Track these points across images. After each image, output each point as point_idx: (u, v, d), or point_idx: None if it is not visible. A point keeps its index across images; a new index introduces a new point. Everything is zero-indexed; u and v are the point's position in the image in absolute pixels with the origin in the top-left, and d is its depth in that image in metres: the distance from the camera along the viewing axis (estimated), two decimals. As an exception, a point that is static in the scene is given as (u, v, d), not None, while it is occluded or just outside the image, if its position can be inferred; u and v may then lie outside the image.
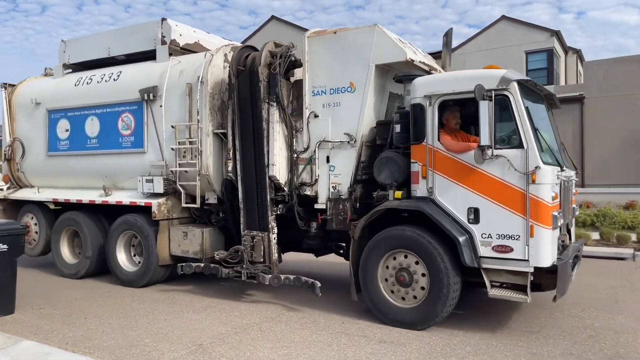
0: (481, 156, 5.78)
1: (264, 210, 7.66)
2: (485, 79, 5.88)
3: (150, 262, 8.66)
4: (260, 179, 7.71)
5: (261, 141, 7.63)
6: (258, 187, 7.75)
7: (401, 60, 6.87)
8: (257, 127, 7.70)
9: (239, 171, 7.86)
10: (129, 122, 9.18)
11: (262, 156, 7.63)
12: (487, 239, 5.92)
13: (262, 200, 7.69)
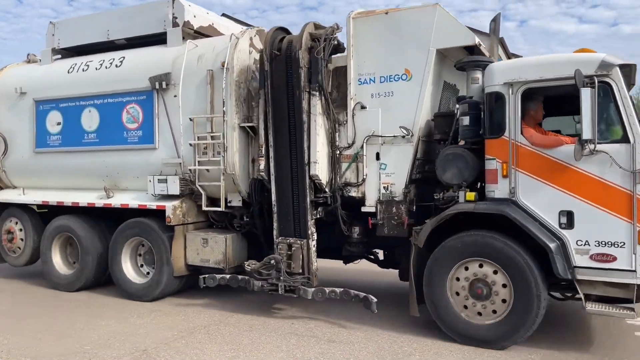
0: (580, 152, 5.01)
1: (303, 214, 6.70)
2: (581, 63, 5.09)
3: (162, 272, 7.55)
4: (298, 178, 6.74)
5: (300, 136, 6.66)
6: (295, 188, 6.78)
7: (468, 45, 6.05)
8: (295, 119, 6.73)
9: (272, 170, 6.87)
10: (135, 114, 8.03)
11: (301, 153, 6.66)
12: (584, 247, 5.16)
13: (300, 202, 6.73)
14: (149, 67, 7.89)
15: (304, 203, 6.67)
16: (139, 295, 7.77)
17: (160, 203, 7.59)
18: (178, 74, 7.55)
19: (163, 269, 7.54)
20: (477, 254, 5.53)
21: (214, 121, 7.24)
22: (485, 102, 5.67)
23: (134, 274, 8.01)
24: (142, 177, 7.89)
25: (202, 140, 7.34)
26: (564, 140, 5.30)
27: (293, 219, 6.83)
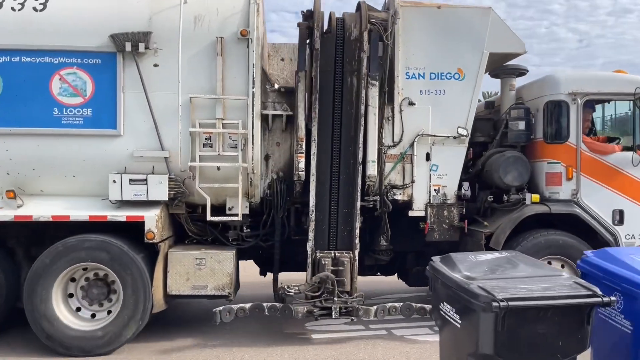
0: (639, 159, 5.80)
1: (350, 221, 5.73)
2: (629, 82, 5.89)
3: (135, 310, 5.30)
4: (344, 179, 5.74)
5: (356, 130, 5.69)
6: (335, 191, 5.75)
7: (518, 52, 6.24)
8: (342, 111, 5.73)
9: (313, 169, 5.65)
10: (79, 85, 5.43)
11: (354, 150, 5.69)
12: (631, 240, 5.93)
13: (350, 208, 5.74)
14: (103, 19, 5.49)
15: (353, 208, 5.71)
16: (87, 347, 5.25)
17: (134, 213, 5.35)
18: (164, 36, 5.50)
19: (137, 305, 5.30)
20: (555, 254, 5.75)
21: (226, 105, 5.53)
22: (548, 109, 5.97)
23: (73, 317, 5.40)
24: (83, 176, 5.47)
25: (207, 128, 5.50)
26: (617, 148, 6.02)
27: (329, 228, 5.77)
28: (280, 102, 5.92)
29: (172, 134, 5.46)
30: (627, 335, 3.27)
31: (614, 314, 3.41)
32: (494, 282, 2.95)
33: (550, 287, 2.89)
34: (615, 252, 3.74)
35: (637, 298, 3.17)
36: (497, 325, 2.74)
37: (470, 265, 3.29)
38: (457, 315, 3.08)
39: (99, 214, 5.32)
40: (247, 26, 5.52)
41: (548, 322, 2.80)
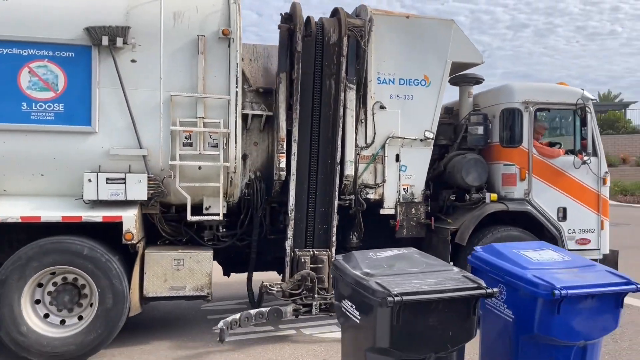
0: (581, 162, 6.48)
1: (329, 220, 5.89)
2: (572, 94, 6.60)
3: (112, 314, 5.11)
4: (322, 179, 5.89)
5: (334, 131, 5.84)
6: (318, 191, 5.90)
7: (476, 63, 6.72)
8: (320, 112, 5.88)
9: (293, 169, 5.74)
10: (50, 79, 5.12)
11: (333, 150, 5.86)
12: (572, 234, 6.60)
13: (327, 207, 5.89)
14: (76, 11, 5.24)
15: (330, 207, 5.89)
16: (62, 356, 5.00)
17: (111, 213, 5.15)
18: (142, 31, 5.34)
19: (115, 309, 5.09)
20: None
21: (207, 104, 5.48)
22: (504, 116, 6.50)
23: (44, 324, 5.08)
24: (53, 175, 5.20)
25: (188, 126, 5.42)
26: (561, 152, 6.66)
27: (307, 227, 5.91)
28: (257, 102, 5.96)
29: (151, 132, 5.31)
30: (510, 324, 3.54)
31: (499, 304, 3.65)
32: (390, 278, 3.04)
33: (441, 281, 3.03)
34: (500, 247, 3.95)
35: (518, 289, 3.44)
36: (392, 319, 2.82)
37: (371, 262, 3.37)
38: (357, 312, 3.13)
39: (73, 215, 5.06)
40: (229, 25, 5.49)
41: (439, 314, 2.95)
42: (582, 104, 6.49)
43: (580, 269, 3.64)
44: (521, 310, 3.47)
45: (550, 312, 3.30)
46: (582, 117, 6.54)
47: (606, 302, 3.43)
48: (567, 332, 3.37)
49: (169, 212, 5.78)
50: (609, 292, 3.41)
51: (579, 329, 3.40)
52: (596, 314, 3.43)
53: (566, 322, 3.33)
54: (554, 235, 6.39)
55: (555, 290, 3.21)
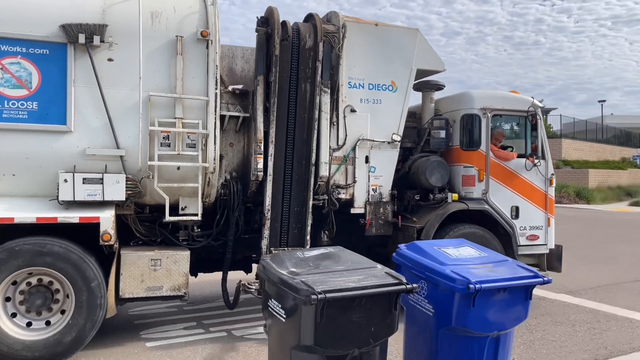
0: (532, 165, 7.00)
1: (303, 219, 6.06)
2: (524, 102, 7.11)
3: (90, 317, 5.03)
4: (300, 179, 6.05)
5: (309, 133, 6.00)
6: (293, 191, 6.05)
7: (439, 70, 7.08)
8: (296, 115, 6.03)
9: (270, 169, 5.86)
10: (23, 76, 4.97)
11: (308, 151, 6.02)
12: (523, 230, 7.12)
13: (302, 207, 6.05)
14: (50, 7, 5.11)
15: (305, 207, 6.06)
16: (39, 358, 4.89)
17: (86, 214, 5.07)
18: (119, 30, 5.29)
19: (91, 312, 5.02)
20: (472, 243, 6.70)
21: (185, 104, 5.50)
22: (464, 121, 6.91)
23: (17, 328, 4.94)
24: (25, 175, 5.06)
25: (166, 127, 5.41)
26: (514, 155, 7.16)
27: (281, 226, 6.06)
28: (233, 104, 6.03)
29: (129, 132, 5.27)
30: (430, 318, 3.68)
31: (420, 299, 3.76)
32: (316, 277, 3.07)
33: (364, 278, 3.09)
34: (423, 244, 4.05)
35: (437, 285, 3.58)
36: (317, 316, 2.84)
37: (297, 261, 3.38)
38: (282, 311, 3.13)
39: (48, 216, 4.94)
40: (207, 27, 5.53)
41: (362, 310, 2.97)
42: (533, 110, 7.02)
43: (494, 264, 3.81)
44: (440, 305, 3.60)
45: (466, 305, 3.44)
46: (532, 123, 7.07)
47: (517, 295, 3.60)
48: (481, 324, 3.52)
49: (142, 213, 5.74)
50: (519, 285, 3.58)
51: (493, 320, 3.55)
52: (508, 305, 3.59)
53: (481, 314, 3.48)
54: (507, 232, 6.88)
55: (470, 285, 3.35)
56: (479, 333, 3.58)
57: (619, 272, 9.45)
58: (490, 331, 3.61)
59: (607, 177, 34.97)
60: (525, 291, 3.66)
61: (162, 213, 5.69)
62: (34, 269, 4.86)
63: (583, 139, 39.41)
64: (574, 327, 6.15)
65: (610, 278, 8.95)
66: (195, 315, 6.60)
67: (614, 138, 46.81)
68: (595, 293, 7.85)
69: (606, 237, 13.35)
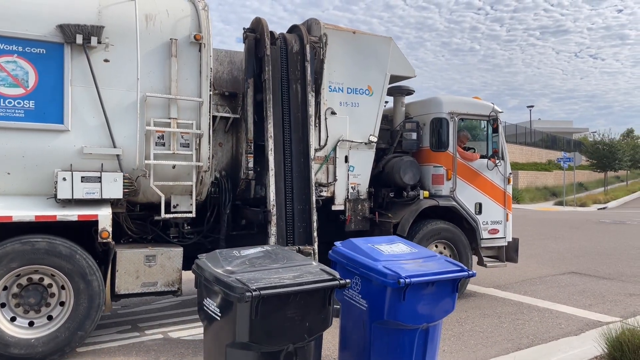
0: (494, 165, 7.60)
1: (308, 217, 6.19)
2: (486, 107, 7.70)
3: (89, 314, 5.05)
4: (300, 175, 6.24)
5: (305, 131, 6.24)
6: (295, 188, 6.20)
7: (410, 76, 7.53)
8: (294, 113, 6.25)
9: (271, 165, 5.99)
10: (20, 75, 4.93)
11: (305, 149, 6.22)
12: (486, 225, 7.69)
13: (305, 204, 6.22)
14: (46, 6, 5.10)
15: (309, 204, 6.21)
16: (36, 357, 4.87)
17: (84, 212, 5.10)
18: (115, 32, 5.34)
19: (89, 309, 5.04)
20: (441, 238, 7.17)
21: (180, 105, 5.61)
22: (433, 124, 7.40)
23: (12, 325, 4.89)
24: (20, 173, 5.03)
25: (162, 127, 5.51)
26: (477, 156, 7.72)
27: (286, 224, 6.11)
28: (222, 105, 6.20)
29: (125, 132, 5.33)
30: (364, 312, 3.76)
31: (355, 295, 3.83)
32: (251, 274, 3.06)
33: (299, 275, 3.11)
34: (357, 241, 4.10)
35: (371, 280, 3.67)
36: (251, 313, 2.83)
37: (233, 260, 3.36)
38: (217, 309, 3.10)
39: (47, 214, 4.93)
40: (200, 30, 5.68)
41: (297, 306, 2.99)
42: (494, 115, 7.61)
43: (424, 260, 3.93)
44: (373, 299, 3.68)
45: (397, 299, 3.53)
46: (494, 126, 7.66)
47: (444, 288, 3.72)
48: (411, 316, 3.63)
49: (133, 211, 5.80)
50: (447, 279, 3.71)
51: (422, 313, 3.67)
52: (436, 298, 3.70)
53: (411, 307, 3.58)
54: (472, 227, 7.42)
55: (400, 279, 3.45)
56: (409, 325, 3.67)
57: (543, 267, 9.94)
58: (420, 323, 3.70)
59: (535, 178, 37.24)
60: (453, 284, 3.75)
61: (151, 211, 5.79)
62: (34, 267, 4.82)
63: (513, 142, 41.62)
64: (500, 318, 6.41)
65: (534, 272, 9.42)
66: (130, 318, 6.46)
67: (542, 141, 49.77)
68: (521, 286, 8.27)
69: (533, 234, 14.01)
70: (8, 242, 4.71)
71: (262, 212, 5.95)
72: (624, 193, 39.65)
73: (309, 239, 6.16)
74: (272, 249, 3.69)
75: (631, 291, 7.99)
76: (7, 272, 4.72)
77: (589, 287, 8.31)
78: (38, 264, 4.82)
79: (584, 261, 10.79)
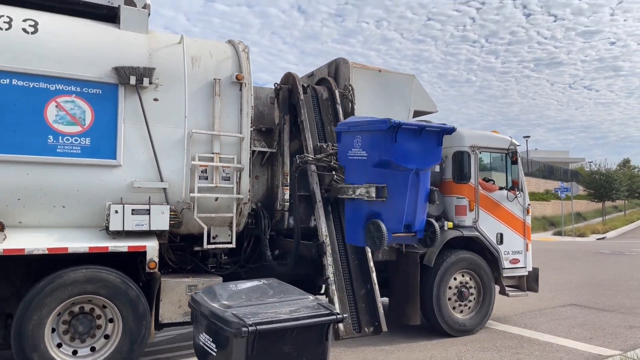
0: (514, 196, 7.84)
1: (362, 247, 6.32)
2: (505, 141, 7.99)
3: (135, 343, 5.16)
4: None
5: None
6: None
7: (433, 112, 7.84)
8: None
9: (318, 196, 6.14)
10: (78, 114, 5.19)
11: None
12: (507, 255, 7.87)
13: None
14: (101, 50, 5.41)
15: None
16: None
17: (134, 243, 5.28)
18: (163, 73, 5.64)
19: (136, 338, 5.17)
20: (466, 267, 7.35)
21: (222, 141, 5.86)
22: (456, 158, 7.67)
23: (58, 351, 5.01)
24: (74, 207, 5.23)
25: (206, 161, 5.75)
26: (496, 188, 7.96)
27: (340, 257, 6.20)
28: (259, 140, 6.46)
29: (171, 166, 5.56)
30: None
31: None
32: (247, 309, 3.00)
33: (296, 310, 3.05)
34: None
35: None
36: (248, 349, 2.78)
37: (230, 294, 3.32)
38: (213, 345, 3.04)
39: (100, 245, 5.11)
40: (241, 71, 5.99)
41: (293, 341, 2.93)
42: (513, 148, 7.89)
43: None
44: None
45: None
46: (513, 159, 7.93)
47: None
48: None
49: (174, 242, 5.98)
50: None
51: None
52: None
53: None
54: (494, 256, 7.60)
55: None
56: None
57: (543, 299, 9.70)
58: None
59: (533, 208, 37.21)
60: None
61: (191, 242, 5.97)
62: (89, 296, 4.98)
63: (512, 172, 41.80)
64: (500, 352, 6.35)
65: (534, 304, 9.23)
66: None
67: (539, 171, 50.15)
68: (520, 319, 8.18)
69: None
70: (65, 271, 4.87)
71: (316, 244, 6.05)
72: (622, 223, 39.82)
73: (365, 270, 6.25)
74: (269, 282, 3.66)
75: (631, 323, 7.96)
76: (64, 301, 4.85)
77: (589, 319, 8.25)
78: (92, 294, 4.95)
79: (583, 292, 10.73)
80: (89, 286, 4.96)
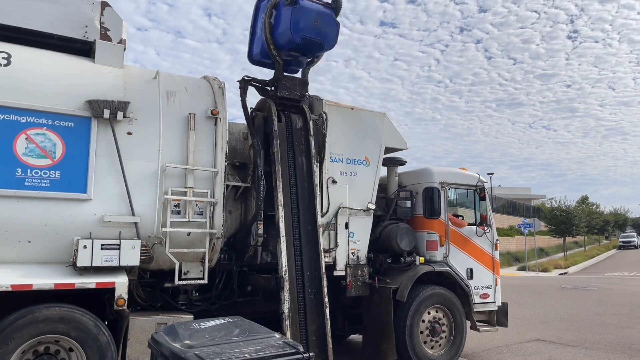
0: (482, 232, 7.98)
1: (319, 282, 6.24)
2: (473, 178, 8.19)
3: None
4: (309, 242, 6.39)
5: (312, 199, 6.49)
6: (304, 254, 6.31)
7: (402, 148, 7.99)
8: (301, 183, 6.52)
9: (282, 231, 6.14)
10: (48, 147, 5.07)
11: (313, 216, 6.44)
12: (477, 290, 7.95)
13: (314, 270, 6.31)
14: (75, 84, 5.35)
15: (318, 269, 6.31)
16: None
17: (102, 279, 5.11)
18: (138, 107, 5.60)
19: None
20: (438, 303, 7.38)
21: (196, 174, 5.81)
22: (426, 193, 7.79)
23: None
24: (40, 241, 5.06)
25: (179, 195, 5.67)
26: (465, 223, 8.10)
27: (297, 290, 6.11)
28: (232, 174, 6.43)
29: (143, 200, 5.46)
30: None
31: None
32: (211, 349, 2.92)
33: (261, 349, 2.98)
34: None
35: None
36: None
37: (193, 333, 3.22)
38: None
39: (66, 282, 4.91)
40: (216, 106, 6.02)
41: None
42: (481, 185, 8.09)
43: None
44: None
45: None
46: (481, 195, 8.11)
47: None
48: None
49: (143, 278, 5.82)
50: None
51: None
52: None
53: None
54: (465, 292, 7.67)
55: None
56: None
57: (509, 334, 9.65)
58: None
59: (499, 243, 37.99)
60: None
61: (160, 278, 5.82)
62: (53, 336, 4.75)
63: (477, 208, 42.61)
64: None
65: (500, 340, 9.25)
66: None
67: (502, 207, 51.23)
68: (488, 355, 8.21)
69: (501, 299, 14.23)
70: (38, 307, 4.65)
71: (275, 278, 6.00)
72: (583, 258, 40.86)
73: (319, 305, 6.23)
74: (234, 320, 3.58)
75: (595, 359, 8.10)
76: (32, 337, 4.61)
77: (554, 355, 8.31)
78: (62, 334, 4.73)
79: (548, 327, 10.84)
80: (60, 326, 4.72)
